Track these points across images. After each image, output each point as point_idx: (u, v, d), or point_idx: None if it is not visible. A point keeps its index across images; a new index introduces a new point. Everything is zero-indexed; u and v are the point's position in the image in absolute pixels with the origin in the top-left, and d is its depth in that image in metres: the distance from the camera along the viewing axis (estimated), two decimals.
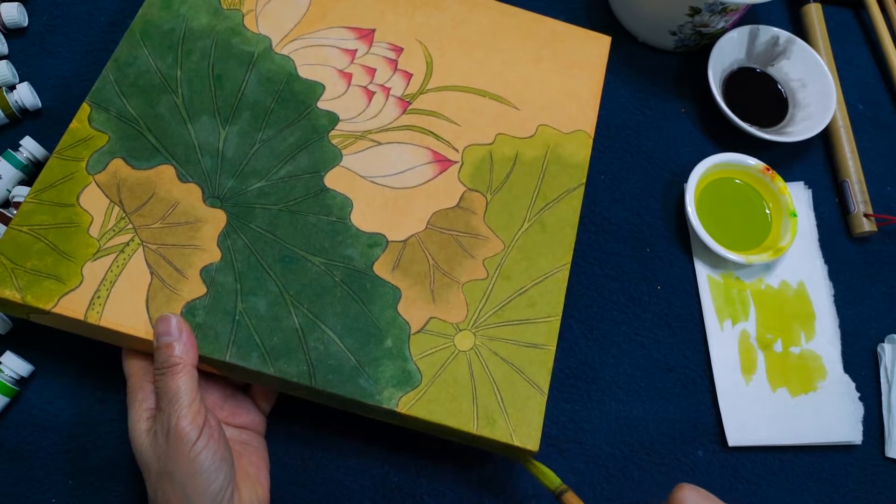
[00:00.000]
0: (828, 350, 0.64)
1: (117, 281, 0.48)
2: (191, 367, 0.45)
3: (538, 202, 0.56)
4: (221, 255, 0.50)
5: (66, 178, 0.51)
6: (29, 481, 0.52)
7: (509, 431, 0.48)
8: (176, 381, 0.44)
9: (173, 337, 0.46)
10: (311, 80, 0.57)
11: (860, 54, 0.78)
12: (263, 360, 0.47)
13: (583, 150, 0.58)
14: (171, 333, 0.46)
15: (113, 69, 0.55)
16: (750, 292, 0.65)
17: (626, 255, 0.65)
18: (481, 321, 0.51)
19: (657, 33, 0.71)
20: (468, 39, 0.61)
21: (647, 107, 0.71)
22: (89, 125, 0.53)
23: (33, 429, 0.53)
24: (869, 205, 0.68)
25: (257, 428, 0.52)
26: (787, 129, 0.70)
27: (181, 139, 0.53)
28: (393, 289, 0.51)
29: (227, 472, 0.45)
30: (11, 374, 0.53)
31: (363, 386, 0.48)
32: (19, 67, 0.64)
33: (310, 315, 0.49)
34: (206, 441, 0.44)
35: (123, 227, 0.50)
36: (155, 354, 0.46)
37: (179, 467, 0.43)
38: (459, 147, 0.57)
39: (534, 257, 0.54)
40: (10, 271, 0.48)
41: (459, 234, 0.54)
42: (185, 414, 0.43)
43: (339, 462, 0.55)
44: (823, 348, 0.64)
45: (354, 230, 0.52)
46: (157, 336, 0.46)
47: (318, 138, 0.55)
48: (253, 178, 0.53)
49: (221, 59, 0.57)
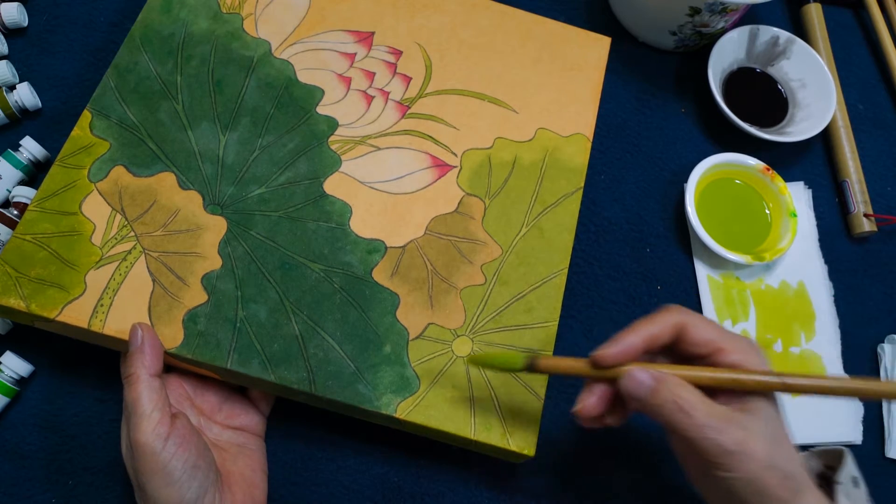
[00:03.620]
0: (828, 350, 0.64)
1: (120, 289, 0.49)
2: (150, 378, 0.45)
3: (536, 207, 0.56)
4: (222, 263, 0.50)
5: (68, 187, 0.51)
6: (29, 481, 0.53)
7: (506, 436, 0.49)
8: (133, 392, 0.44)
9: (133, 347, 0.46)
10: (310, 85, 0.57)
11: (860, 54, 0.78)
12: (264, 367, 0.48)
13: (581, 154, 0.59)
14: (132, 344, 0.46)
15: (113, 75, 0.56)
16: (750, 292, 0.65)
17: (626, 255, 0.65)
18: (479, 327, 0.51)
19: (657, 33, 0.71)
20: (467, 42, 0.61)
21: (647, 107, 0.71)
22: (91, 132, 0.53)
23: (33, 429, 0.54)
24: (869, 205, 0.68)
25: (256, 430, 0.53)
26: (787, 129, 0.70)
27: (182, 146, 0.54)
28: (392, 295, 0.51)
29: (203, 479, 0.44)
30: (11, 374, 0.53)
31: (362, 392, 0.48)
32: (19, 67, 0.64)
33: (309, 322, 0.50)
34: (175, 449, 0.43)
35: (125, 234, 0.50)
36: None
37: (149, 479, 0.43)
38: (458, 151, 0.57)
39: (532, 262, 0.54)
40: (14, 280, 0.48)
41: (458, 240, 0.54)
42: (144, 425, 0.43)
43: (339, 462, 0.55)
44: (823, 348, 0.64)
45: (354, 236, 0.53)
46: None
47: (317, 144, 0.55)
48: (253, 185, 0.53)
49: (221, 65, 0.57)
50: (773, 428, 0.41)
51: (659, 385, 0.41)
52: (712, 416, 0.40)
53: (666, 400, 0.41)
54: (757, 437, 0.40)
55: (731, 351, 0.42)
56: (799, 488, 0.40)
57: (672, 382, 0.41)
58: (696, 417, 0.40)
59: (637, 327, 0.43)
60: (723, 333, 0.43)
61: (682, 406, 0.40)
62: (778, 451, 0.40)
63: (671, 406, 0.40)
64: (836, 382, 0.40)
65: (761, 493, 0.40)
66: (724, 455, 0.39)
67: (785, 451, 0.41)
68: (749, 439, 0.39)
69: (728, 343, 0.42)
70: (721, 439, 0.39)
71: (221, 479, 0.46)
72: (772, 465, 0.39)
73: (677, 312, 0.43)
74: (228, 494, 0.46)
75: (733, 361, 0.42)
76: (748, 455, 0.39)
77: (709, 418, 0.40)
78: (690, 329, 0.42)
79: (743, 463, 0.39)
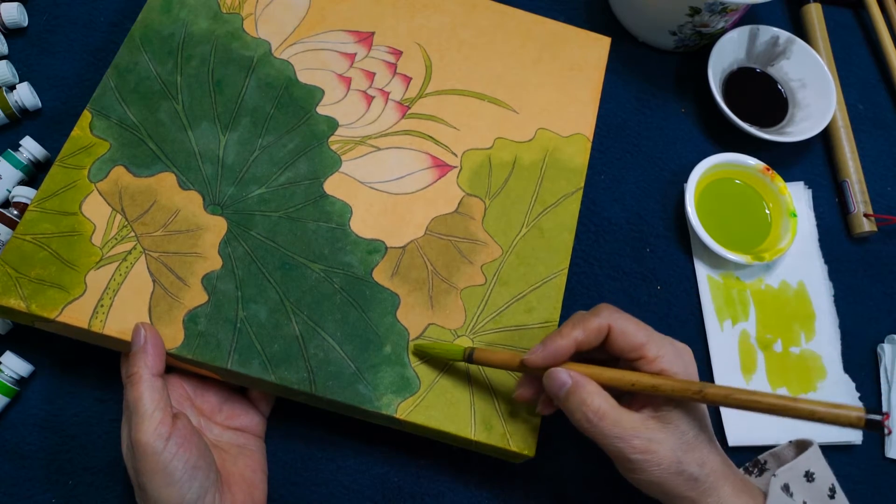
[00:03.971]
0: (828, 350, 0.64)
1: (120, 289, 0.49)
2: (152, 378, 0.45)
3: (536, 207, 0.56)
4: (222, 263, 0.50)
5: (68, 187, 0.51)
6: (29, 481, 0.53)
7: (506, 437, 0.49)
8: (135, 392, 0.44)
9: (136, 346, 0.46)
10: (310, 85, 0.57)
11: (860, 54, 0.78)
12: (264, 368, 0.48)
13: (581, 154, 0.59)
14: (135, 343, 0.46)
15: (113, 75, 0.56)
16: (750, 292, 0.65)
17: (626, 255, 0.65)
18: (479, 327, 0.52)
19: (657, 33, 0.71)
20: (467, 42, 0.61)
21: (647, 107, 0.71)
22: (91, 133, 0.53)
23: (33, 429, 0.54)
24: (869, 205, 0.68)
25: (256, 430, 0.52)
26: (787, 129, 0.70)
27: (182, 146, 0.54)
28: (392, 295, 0.51)
29: (203, 480, 0.44)
30: (11, 374, 0.53)
31: (362, 392, 0.48)
32: (19, 67, 0.64)
33: (310, 322, 0.50)
34: (176, 450, 0.43)
35: (125, 235, 0.50)
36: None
37: (150, 479, 0.43)
38: (458, 151, 0.57)
39: (532, 263, 0.54)
40: (14, 280, 0.48)
41: (458, 240, 0.54)
42: (145, 425, 0.43)
43: (339, 462, 0.55)
44: (823, 348, 0.64)
45: (354, 237, 0.53)
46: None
47: (317, 144, 0.55)
48: (253, 185, 0.53)
49: (221, 65, 0.57)
50: (685, 434, 0.43)
51: (574, 388, 0.43)
52: (619, 424, 0.42)
53: (578, 404, 0.43)
54: (662, 445, 0.42)
55: (655, 358, 0.43)
56: (709, 489, 0.43)
57: (586, 389, 0.43)
58: (601, 426, 0.42)
59: (566, 331, 0.45)
60: (650, 339, 0.44)
61: (591, 413, 0.43)
62: (688, 457, 0.43)
63: (581, 412, 0.43)
64: (751, 396, 0.40)
65: (668, 493, 0.43)
66: (628, 461, 0.43)
67: (696, 455, 0.43)
68: (652, 447, 0.42)
69: (653, 349, 0.43)
70: (624, 447, 0.42)
71: (221, 480, 0.46)
72: (678, 470, 0.42)
73: (607, 315, 0.45)
74: (228, 495, 0.46)
75: (657, 367, 0.43)
76: (651, 462, 0.42)
77: (614, 427, 0.42)
78: (617, 334, 0.44)
79: (647, 468, 0.42)
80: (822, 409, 0.38)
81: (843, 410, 0.38)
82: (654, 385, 0.42)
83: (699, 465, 0.43)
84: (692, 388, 0.41)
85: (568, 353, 0.44)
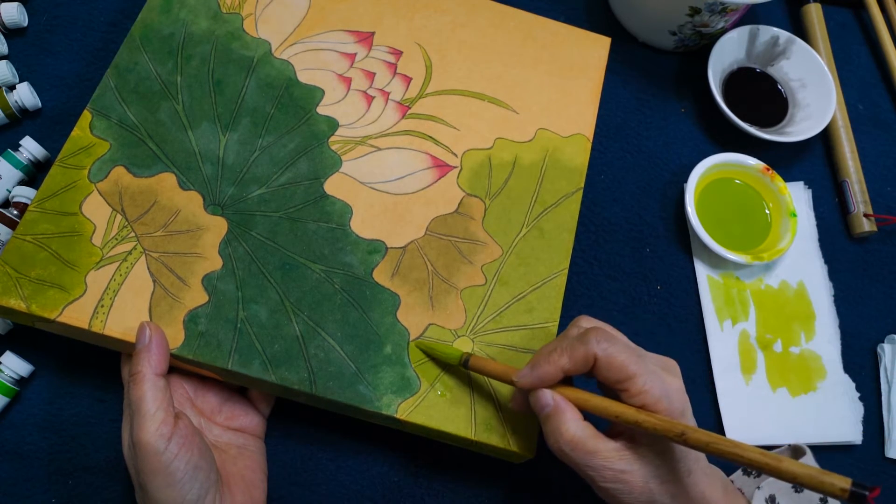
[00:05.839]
0: (828, 350, 0.64)
1: (120, 290, 0.49)
2: (155, 377, 0.45)
3: (536, 207, 0.56)
4: (223, 263, 0.50)
5: (68, 187, 0.51)
6: (29, 481, 0.53)
7: (506, 437, 0.49)
8: (138, 391, 0.44)
9: (141, 345, 0.46)
10: (310, 86, 0.57)
11: (860, 54, 0.78)
12: (265, 368, 0.48)
13: (581, 154, 0.59)
14: (140, 342, 0.46)
15: (113, 75, 0.56)
16: (750, 292, 0.65)
17: (626, 256, 0.65)
18: (479, 327, 0.52)
19: (657, 33, 0.71)
20: (467, 42, 0.61)
21: (647, 107, 0.71)
22: (91, 133, 0.53)
23: (33, 429, 0.54)
24: (869, 205, 0.68)
25: (256, 431, 0.53)
26: (787, 129, 0.70)
27: (182, 146, 0.54)
28: (392, 295, 0.51)
29: (204, 480, 0.44)
30: (11, 374, 0.53)
31: (363, 392, 0.48)
32: (19, 67, 0.64)
33: (310, 322, 0.50)
34: (177, 450, 0.43)
35: (126, 235, 0.50)
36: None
37: (151, 479, 0.43)
38: (458, 152, 0.57)
39: (532, 263, 0.54)
40: (14, 280, 0.48)
41: (458, 240, 0.54)
42: (147, 425, 0.43)
43: (339, 462, 0.55)
44: (823, 348, 0.64)
45: (354, 237, 0.53)
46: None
47: (317, 144, 0.55)
48: (253, 185, 0.53)
49: (221, 65, 0.57)
50: (660, 466, 0.43)
51: (553, 413, 0.44)
52: (592, 453, 0.43)
53: (552, 430, 0.43)
54: (634, 475, 0.42)
55: (639, 392, 0.42)
56: None
57: (564, 416, 0.43)
58: (572, 455, 0.43)
59: (554, 358, 0.44)
60: (637, 371, 0.43)
61: (563, 443, 0.43)
62: (661, 488, 0.43)
63: (554, 438, 0.43)
64: (734, 448, 0.39)
65: None
66: (600, 490, 0.44)
67: (669, 487, 0.43)
68: (624, 477, 0.42)
69: (638, 383, 0.42)
70: (595, 476, 0.43)
71: (221, 480, 0.46)
72: (649, 499, 0.43)
73: (595, 343, 0.43)
74: (228, 495, 0.46)
75: (640, 402, 0.42)
76: (622, 491, 0.43)
77: (585, 456, 0.43)
78: (602, 365, 0.43)
79: (618, 496, 0.43)
80: (805, 473, 0.36)
81: (828, 478, 0.36)
82: (638, 421, 0.41)
83: (672, 496, 0.43)
84: (674, 430, 0.40)
85: (555, 380, 0.44)
